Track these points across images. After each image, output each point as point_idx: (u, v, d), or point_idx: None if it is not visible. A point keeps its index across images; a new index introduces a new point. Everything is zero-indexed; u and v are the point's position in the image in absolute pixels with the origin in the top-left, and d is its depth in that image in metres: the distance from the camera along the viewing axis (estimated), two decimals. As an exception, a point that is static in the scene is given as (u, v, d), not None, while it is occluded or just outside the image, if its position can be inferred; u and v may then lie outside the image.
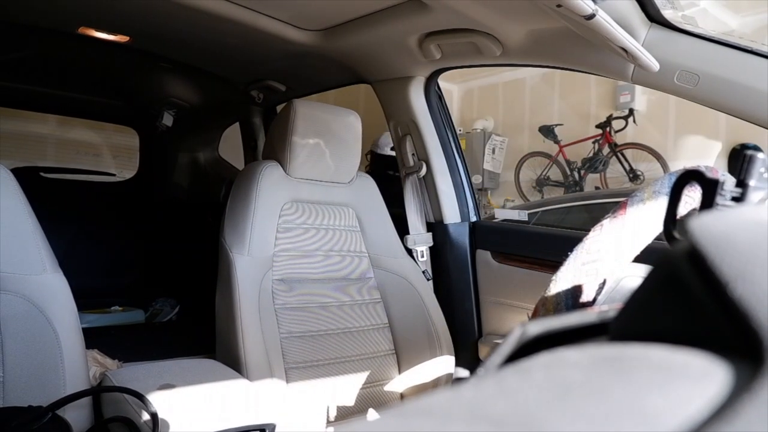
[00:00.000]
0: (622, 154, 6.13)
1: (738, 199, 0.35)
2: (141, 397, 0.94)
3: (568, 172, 6.60)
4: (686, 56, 1.05)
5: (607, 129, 6.19)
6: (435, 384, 1.49)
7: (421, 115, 1.71)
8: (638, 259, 0.57)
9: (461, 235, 1.73)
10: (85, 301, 1.79)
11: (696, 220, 0.23)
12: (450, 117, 1.81)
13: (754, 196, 0.35)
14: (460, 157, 1.79)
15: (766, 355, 0.18)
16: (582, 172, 6.44)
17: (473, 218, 1.77)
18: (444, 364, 1.50)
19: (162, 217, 2.98)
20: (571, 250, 0.58)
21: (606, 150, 6.25)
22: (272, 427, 1.00)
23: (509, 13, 1.19)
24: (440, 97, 1.77)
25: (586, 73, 1.32)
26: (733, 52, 1.02)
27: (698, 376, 0.18)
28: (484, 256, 1.68)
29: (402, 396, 1.52)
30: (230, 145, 2.83)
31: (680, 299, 0.22)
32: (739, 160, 0.36)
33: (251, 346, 1.27)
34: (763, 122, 1.00)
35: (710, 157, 5.62)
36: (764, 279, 0.19)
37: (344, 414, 1.42)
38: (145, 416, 0.93)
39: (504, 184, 7.30)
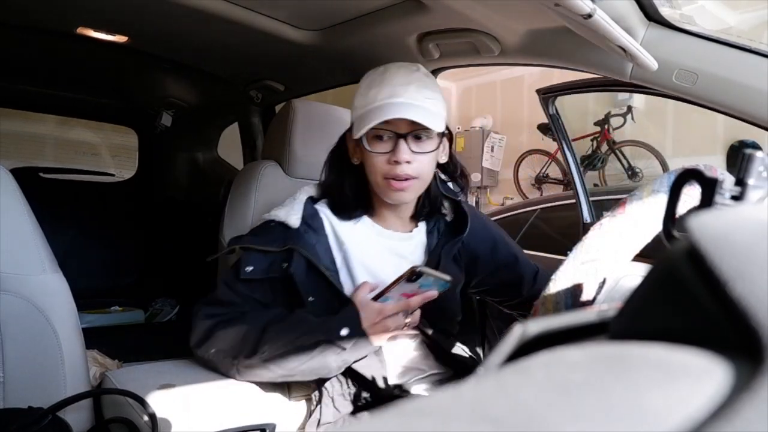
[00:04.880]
0: (621, 152, 6.13)
1: (737, 198, 0.35)
2: (140, 400, 0.94)
3: (567, 170, 6.59)
4: (685, 55, 1.05)
5: (606, 126, 6.19)
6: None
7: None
8: (637, 258, 0.57)
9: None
10: (85, 301, 1.80)
11: (695, 219, 0.23)
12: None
13: (753, 194, 0.35)
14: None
15: (765, 354, 0.18)
16: (580, 169, 6.44)
17: (587, 219, 1.77)
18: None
19: (161, 217, 2.98)
20: (571, 249, 0.58)
21: (604, 147, 6.26)
22: (272, 427, 1.00)
23: (508, 12, 1.19)
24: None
25: (584, 72, 1.32)
26: (731, 50, 1.02)
27: (698, 375, 0.19)
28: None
29: (402, 395, 1.51)
30: (229, 145, 2.83)
31: (680, 298, 0.22)
32: (738, 158, 0.36)
33: (251, 345, 1.27)
34: (762, 121, 1.00)
35: (708, 155, 5.63)
36: (763, 278, 0.19)
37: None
38: (146, 417, 0.93)
39: (503, 182, 7.31)
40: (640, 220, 0.56)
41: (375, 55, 1.57)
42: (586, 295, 0.55)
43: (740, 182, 0.35)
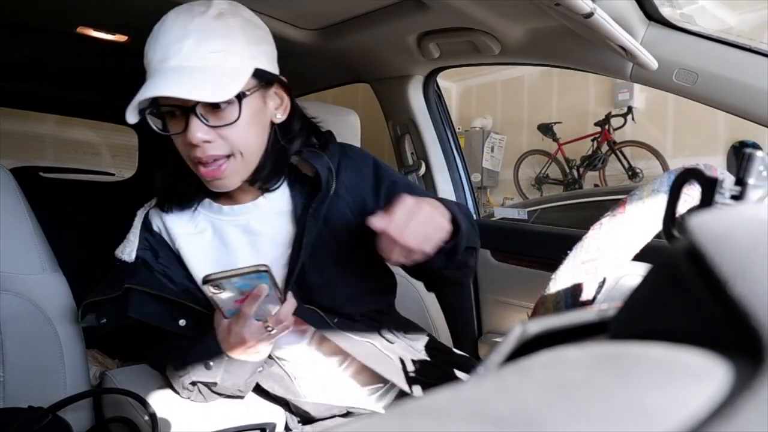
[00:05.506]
0: (621, 152, 6.14)
1: (737, 198, 0.35)
2: (141, 399, 0.94)
3: (567, 170, 6.62)
4: (685, 54, 1.05)
5: (606, 127, 6.20)
6: (435, 382, 1.49)
7: (420, 113, 1.71)
8: (638, 258, 0.57)
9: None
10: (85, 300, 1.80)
11: (695, 219, 0.23)
12: (449, 115, 1.81)
13: (753, 194, 0.35)
14: (459, 156, 1.79)
15: (766, 354, 0.18)
16: (581, 169, 6.46)
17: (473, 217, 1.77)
18: (444, 362, 1.50)
19: None
20: (572, 249, 0.58)
21: (605, 148, 6.26)
22: (272, 426, 1.00)
23: (508, 11, 1.19)
24: (439, 95, 1.77)
25: (584, 71, 1.32)
26: (731, 50, 1.02)
27: (698, 375, 0.19)
28: (484, 254, 1.68)
29: (402, 395, 1.51)
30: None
31: (680, 298, 0.22)
32: (738, 157, 0.36)
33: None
34: (762, 119, 1.00)
35: (709, 155, 5.63)
36: (764, 277, 0.19)
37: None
38: (146, 417, 0.93)
39: (503, 182, 7.31)
40: (640, 220, 0.56)
41: (375, 54, 1.57)
42: (586, 295, 0.55)
43: (740, 182, 0.35)
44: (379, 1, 1.28)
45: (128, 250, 0.99)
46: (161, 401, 0.97)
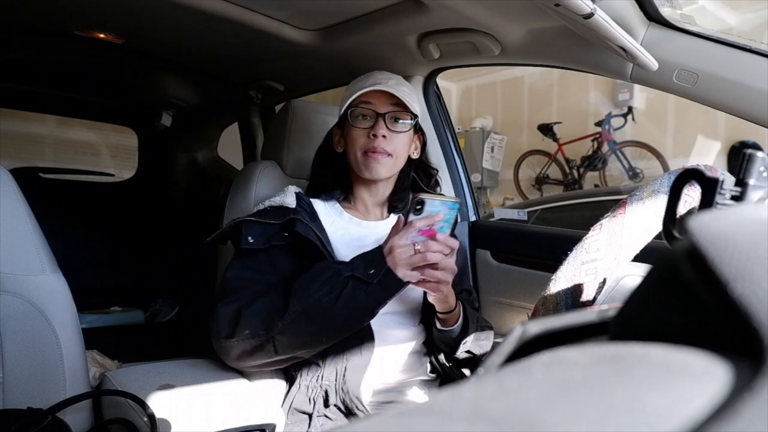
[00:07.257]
0: (621, 152, 6.13)
1: (737, 198, 0.35)
2: (139, 401, 0.94)
3: (568, 171, 6.61)
4: (685, 55, 1.05)
5: (606, 127, 6.20)
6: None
7: (420, 114, 1.70)
8: (638, 258, 0.57)
9: (461, 235, 1.73)
10: (85, 301, 1.80)
11: (696, 220, 0.23)
12: (448, 116, 1.80)
13: (753, 194, 0.35)
14: (458, 157, 1.79)
15: (766, 354, 0.18)
16: (581, 170, 6.45)
17: (472, 218, 1.77)
18: (444, 363, 1.50)
19: (161, 217, 2.98)
20: (571, 250, 0.58)
21: (605, 148, 6.26)
22: (272, 427, 1.00)
23: (508, 12, 1.19)
24: (439, 96, 1.77)
25: (584, 72, 1.32)
26: (731, 50, 1.02)
27: (698, 375, 0.18)
28: (484, 255, 1.68)
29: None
30: (229, 145, 2.83)
31: (680, 298, 0.22)
32: (739, 158, 0.36)
33: (251, 345, 1.27)
34: (762, 120, 1.00)
35: (709, 155, 5.63)
36: (764, 278, 0.19)
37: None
38: (145, 418, 0.93)
39: (503, 183, 7.31)
40: (640, 220, 0.56)
41: (375, 55, 1.57)
42: (586, 296, 0.55)
43: (741, 182, 0.35)
44: (379, 1, 1.28)
45: (290, 199, 1.21)
46: (160, 402, 0.97)
